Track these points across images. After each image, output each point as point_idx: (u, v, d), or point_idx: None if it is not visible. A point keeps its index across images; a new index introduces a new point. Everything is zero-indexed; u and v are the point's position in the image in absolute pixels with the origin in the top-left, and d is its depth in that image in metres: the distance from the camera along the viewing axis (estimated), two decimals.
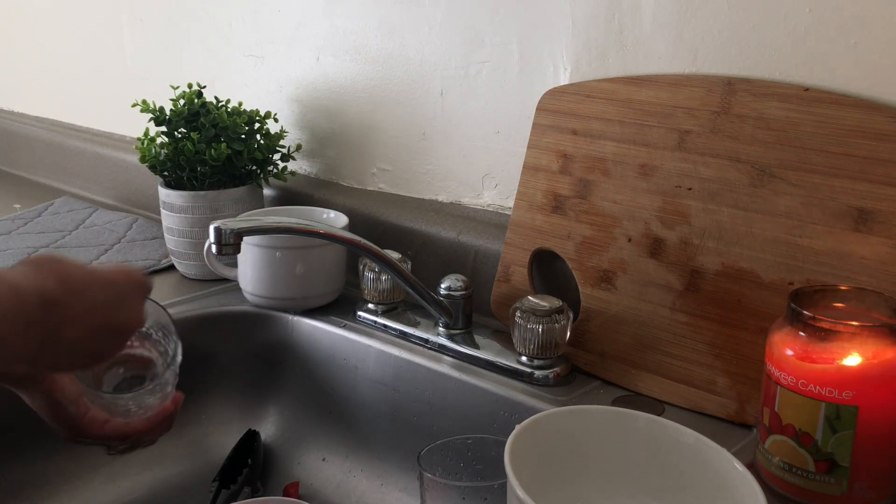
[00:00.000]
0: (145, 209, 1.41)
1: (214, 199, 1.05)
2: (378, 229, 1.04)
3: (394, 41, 1.04)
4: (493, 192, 0.99)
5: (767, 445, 0.63)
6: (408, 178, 1.08)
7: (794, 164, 0.71)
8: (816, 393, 0.59)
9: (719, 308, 0.74)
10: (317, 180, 1.19)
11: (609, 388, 0.80)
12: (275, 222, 0.87)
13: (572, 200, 0.85)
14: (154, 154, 1.07)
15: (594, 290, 0.83)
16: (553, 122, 0.87)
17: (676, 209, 0.78)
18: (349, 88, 1.12)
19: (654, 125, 0.80)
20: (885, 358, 0.58)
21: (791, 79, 0.74)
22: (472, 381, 0.82)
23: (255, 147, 1.08)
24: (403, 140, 1.07)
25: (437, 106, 1.02)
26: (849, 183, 0.68)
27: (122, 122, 1.52)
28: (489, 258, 0.94)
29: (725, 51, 0.77)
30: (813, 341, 0.60)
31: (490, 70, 0.96)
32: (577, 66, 0.88)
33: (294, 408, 0.98)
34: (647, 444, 0.61)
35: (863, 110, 0.68)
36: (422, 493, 0.65)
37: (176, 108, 1.08)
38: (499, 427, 0.78)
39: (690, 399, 0.76)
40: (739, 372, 0.73)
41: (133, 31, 1.45)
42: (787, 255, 0.71)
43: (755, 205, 0.73)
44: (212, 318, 1.00)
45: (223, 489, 0.87)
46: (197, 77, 1.18)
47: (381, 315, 0.94)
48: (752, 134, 0.74)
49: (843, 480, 0.60)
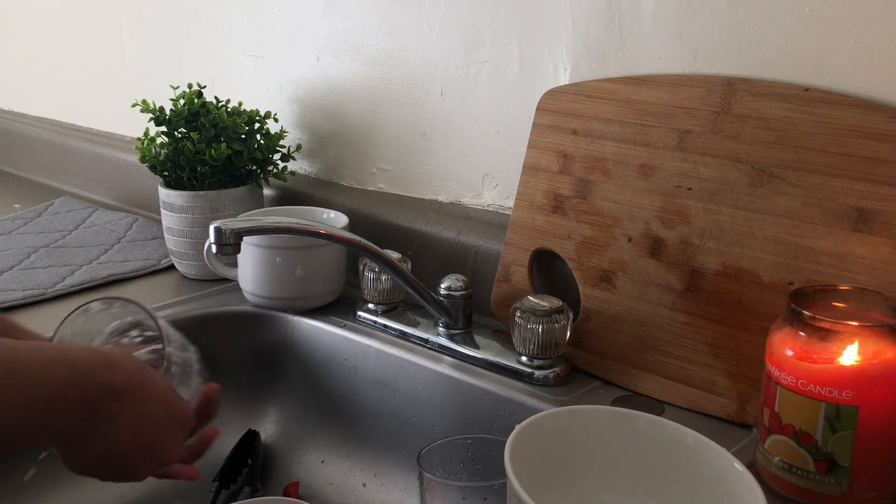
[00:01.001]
0: (145, 209, 1.41)
1: (214, 199, 1.05)
2: (378, 229, 1.04)
3: (394, 41, 1.04)
4: (493, 192, 0.99)
5: (767, 445, 0.63)
6: (408, 178, 1.08)
7: (794, 164, 0.71)
8: (816, 393, 0.59)
9: (719, 308, 0.74)
10: (317, 180, 1.19)
11: (609, 388, 0.80)
12: (275, 222, 0.87)
13: (572, 200, 0.85)
14: (154, 154, 1.07)
15: (594, 290, 0.83)
16: (553, 122, 0.87)
17: (676, 209, 0.78)
18: (349, 88, 1.12)
19: (655, 125, 0.80)
20: (885, 358, 0.58)
21: (791, 79, 0.74)
22: (472, 381, 0.82)
23: (255, 147, 1.08)
24: (403, 140, 1.07)
25: (437, 106, 1.02)
26: (849, 183, 0.68)
27: (122, 122, 1.52)
28: (489, 258, 0.94)
29: (725, 51, 0.77)
30: (813, 341, 0.60)
31: (490, 70, 0.96)
32: (577, 66, 0.88)
33: (294, 408, 0.98)
34: (647, 444, 0.61)
35: (863, 110, 0.68)
36: (422, 493, 0.65)
37: (176, 108, 1.08)
38: (499, 427, 0.78)
39: (690, 399, 0.76)
40: (739, 372, 0.73)
41: (133, 31, 1.45)
42: (787, 255, 0.71)
43: (755, 205, 0.73)
44: (212, 319, 1.00)
45: (223, 489, 0.86)
46: (197, 77, 1.18)
47: (381, 315, 0.94)
48: (752, 134, 0.74)
49: (843, 480, 0.60)
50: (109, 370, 0.55)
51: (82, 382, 0.53)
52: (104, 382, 0.54)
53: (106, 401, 0.54)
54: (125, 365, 0.57)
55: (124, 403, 0.55)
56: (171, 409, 0.60)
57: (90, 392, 0.54)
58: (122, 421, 0.56)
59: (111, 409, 0.55)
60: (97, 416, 0.54)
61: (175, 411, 0.61)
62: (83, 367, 0.54)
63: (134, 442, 0.57)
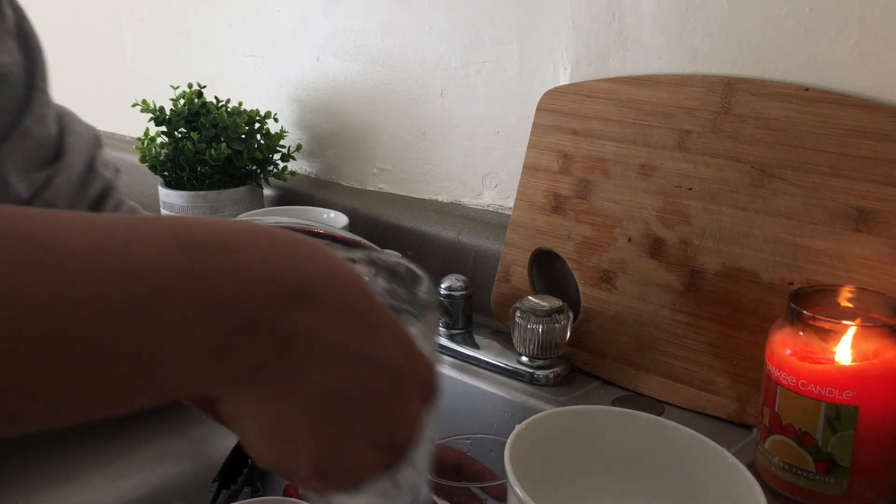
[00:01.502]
0: (145, 209, 1.40)
1: (214, 199, 1.05)
2: (378, 229, 1.04)
3: (394, 41, 1.04)
4: (494, 192, 0.99)
5: (767, 445, 0.63)
6: (408, 178, 1.08)
7: (794, 164, 0.71)
8: (816, 393, 0.59)
9: (719, 308, 0.74)
10: (317, 180, 1.19)
11: (609, 388, 0.80)
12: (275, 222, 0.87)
13: (572, 200, 0.85)
14: (154, 154, 1.07)
15: (594, 290, 0.83)
16: (553, 122, 0.87)
17: (676, 209, 0.78)
18: (349, 88, 1.12)
19: (655, 125, 0.80)
20: (884, 358, 0.58)
21: (791, 79, 0.74)
22: (472, 381, 0.82)
23: (256, 147, 1.08)
24: (403, 140, 1.07)
25: (437, 106, 1.02)
26: (849, 183, 0.68)
27: (122, 122, 1.52)
28: (489, 258, 0.94)
29: (725, 51, 0.77)
30: (813, 341, 0.60)
31: (490, 70, 0.96)
32: (577, 66, 0.88)
33: None
34: (647, 444, 0.61)
35: (863, 110, 0.68)
36: None
37: (176, 108, 1.08)
38: (499, 427, 0.78)
39: (690, 399, 0.76)
40: (739, 372, 0.73)
41: (133, 31, 1.45)
42: (787, 255, 0.71)
43: (755, 205, 0.73)
44: None
45: (223, 489, 0.86)
46: (197, 77, 1.18)
47: None
48: (753, 134, 0.74)
49: (843, 480, 0.60)
50: (294, 260, 0.31)
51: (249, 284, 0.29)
52: (291, 279, 0.30)
53: (295, 305, 0.30)
54: (320, 255, 0.32)
55: (326, 315, 0.31)
56: (405, 348, 0.34)
57: (268, 297, 0.30)
58: (328, 342, 0.31)
59: (308, 325, 0.30)
60: (282, 337, 0.30)
61: (412, 354, 0.34)
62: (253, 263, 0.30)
63: (356, 386, 0.32)
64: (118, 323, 0.27)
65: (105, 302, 0.27)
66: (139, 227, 0.29)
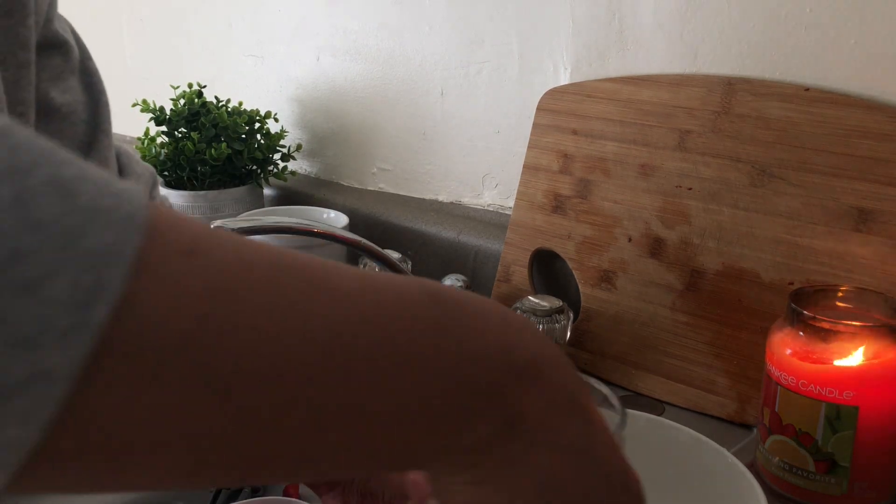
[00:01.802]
0: None
1: (214, 199, 1.05)
2: (378, 229, 1.04)
3: (394, 41, 1.04)
4: (494, 192, 0.99)
5: (767, 445, 0.63)
6: (408, 178, 1.08)
7: (794, 164, 0.71)
8: (816, 393, 0.59)
9: (719, 308, 0.74)
10: (317, 180, 1.19)
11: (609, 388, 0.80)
12: (275, 222, 0.86)
13: (573, 200, 0.85)
14: (154, 154, 1.07)
15: (594, 289, 0.83)
16: (553, 121, 0.87)
17: (677, 209, 0.78)
18: (349, 88, 1.12)
19: (655, 125, 0.80)
20: (885, 358, 0.58)
21: (791, 79, 0.74)
22: None
23: (256, 147, 1.08)
24: (403, 140, 1.07)
25: (437, 106, 1.02)
26: (849, 183, 0.68)
27: (122, 122, 1.52)
28: (489, 258, 0.94)
29: (725, 51, 0.77)
30: (813, 341, 0.60)
31: (490, 70, 0.96)
32: (578, 66, 0.88)
33: None
34: (647, 444, 0.61)
35: (863, 110, 0.68)
36: None
37: (176, 108, 1.08)
38: None
39: (690, 399, 0.76)
40: (739, 372, 0.73)
41: (133, 31, 1.45)
42: (787, 255, 0.71)
43: (755, 205, 0.73)
44: None
45: (223, 489, 0.86)
46: (197, 77, 1.18)
47: None
48: (753, 134, 0.74)
49: (843, 480, 0.60)
50: (523, 336, 0.29)
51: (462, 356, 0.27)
52: (524, 354, 0.29)
53: (525, 382, 0.28)
54: (540, 335, 0.31)
55: (551, 397, 0.29)
56: (616, 451, 0.32)
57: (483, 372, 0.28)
58: (551, 427, 0.29)
59: (535, 406, 0.29)
60: (511, 414, 0.28)
61: (623, 459, 0.32)
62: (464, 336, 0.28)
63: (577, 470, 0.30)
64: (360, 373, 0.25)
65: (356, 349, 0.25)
66: (392, 278, 0.28)
